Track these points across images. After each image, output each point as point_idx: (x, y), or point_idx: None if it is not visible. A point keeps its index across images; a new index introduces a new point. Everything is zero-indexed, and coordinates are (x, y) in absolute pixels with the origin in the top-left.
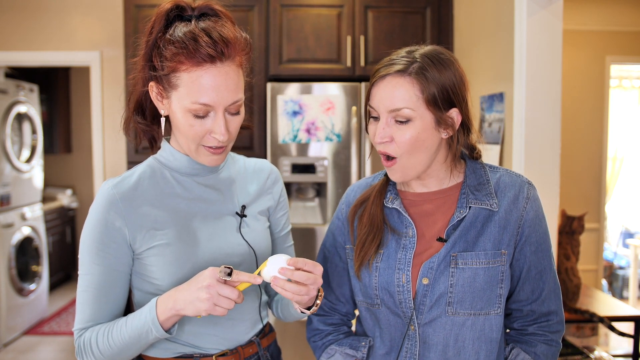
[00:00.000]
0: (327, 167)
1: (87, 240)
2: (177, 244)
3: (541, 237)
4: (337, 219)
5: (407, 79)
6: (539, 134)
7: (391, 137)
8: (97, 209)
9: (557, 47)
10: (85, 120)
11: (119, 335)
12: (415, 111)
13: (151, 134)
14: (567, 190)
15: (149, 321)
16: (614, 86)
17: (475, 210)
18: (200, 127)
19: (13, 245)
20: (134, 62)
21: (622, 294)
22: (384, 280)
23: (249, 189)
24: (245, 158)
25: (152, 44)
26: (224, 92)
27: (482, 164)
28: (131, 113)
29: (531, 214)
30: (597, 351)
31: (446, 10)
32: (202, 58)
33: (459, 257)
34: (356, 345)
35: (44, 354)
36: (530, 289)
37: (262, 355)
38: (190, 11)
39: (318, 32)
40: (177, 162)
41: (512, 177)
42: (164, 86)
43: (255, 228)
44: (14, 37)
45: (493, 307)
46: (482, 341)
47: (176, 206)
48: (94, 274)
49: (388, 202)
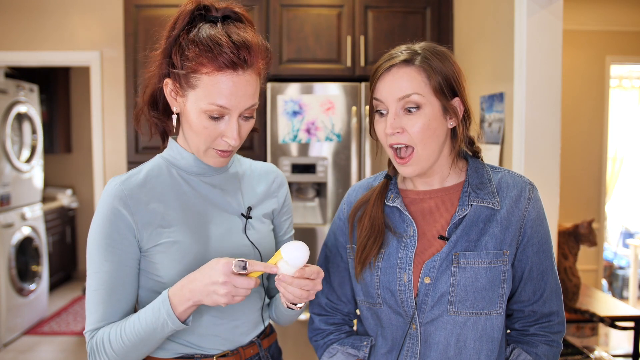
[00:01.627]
0: (327, 167)
1: (96, 237)
2: (183, 242)
3: (543, 238)
4: (339, 219)
5: (413, 67)
6: (539, 134)
7: (402, 128)
8: (104, 205)
9: (557, 47)
10: (85, 120)
11: (133, 331)
12: (423, 97)
13: (163, 128)
14: (567, 190)
15: (164, 314)
16: (614, 86)
17: (476, 208)
18: (213, 130)
19: (13, 245)
20: (153, 55)
21: (622, 294)
22: (385, 280)
23: (255, 191)
24: (251, 161)
25: (173, 41)
26: (241, 98)
27: (484, 164)
28: (144, 105)
29: (533, 214)
30: (597, 351)
31: (446, 10)
32: (225, 64)
33: (460, 256)
34: (358, 344)
35: (44, 354)
36: (532, 289)
37: (263, 356)
38: (215, 12)
39: (318, 32)
40: (184, 161)
41: (514, 178)
42: (181, 84)
43: (260, 230)
44: (14, 37)
45: (495, 307)
46: (484, 341)
47: (183, 204)
48: (105, 271)
49: (389, 200)
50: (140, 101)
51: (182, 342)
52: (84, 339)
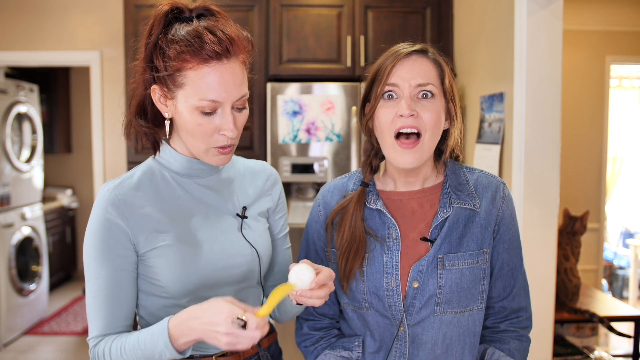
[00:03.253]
0: (327, 167)
1: (92, 243)
2: (179, 245)
3: (513, 235)
4: (315, 222)
5: (429, 61)
6: (539, 134)
7: (416, 112)
8: (98, 210)
9: (557, 47)
10: (85, 120)
11: (132, 352)
12: (437, 88)
13: (154, 137)
14: (567, 190)
15: (162, 344)
16: (614, 86)
17: (457, 210)
18: (208, 125)
19: (13, 245)
20: (134, 65)
21: (622, 294)
22: (372, 285)
23: (249, 191)
24: (243, 159)
25: (153, 46)
26: (231, 88)
27: (460, 165)
28: (132, 117)
29: (507, 213)
30: (597, 351)
31: (446, 10)
32: (208, 55)
33: (445, 258)
34: (349, 346)
35: (44, 354)
36: (502, 285)
37: (262, 356)
38: (188, 12)
39: (318, 32)
40: (176, 164)
41: (488, 178)
42: (168, 87)
43: (256, 229)
44: (14, 37)
45: (476, 303)
46: (466, 335)
47: (177, 207)
48: (103, 277)
49: (370, 203)
50: (127, 113)
51: None
52: (84, 339)
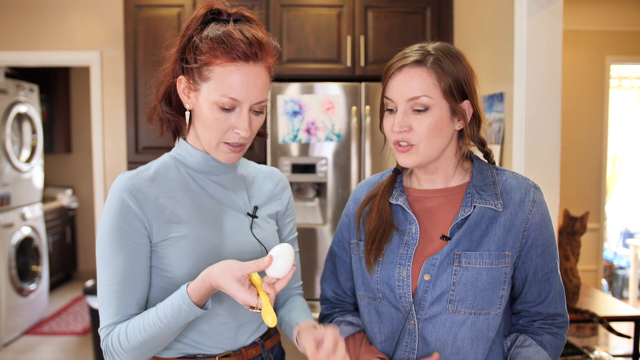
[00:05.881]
0: (327, 167)
1: (107, 231)
2: (191, 237)
3: (547, 240)
4: (345, 216)
5: (424, 69)
6: (539, 134)
7: (409, 126)
8: (114, 198)
9: (557, 47)
10: (85, 120)
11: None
12: (432, 99)
13: (176, 124)
14: (567, 190)
15: (185, 307)
16: (614, 86)
17: (480, 209)
18: (224, 122)
19: (13, 245)
20: (167, 54)
21: (622, 294)
22: (385, 275)
23: (261, 192)
24: (256, 164)
25: (187, 40)
26: (252, 90)
27: (490, 165)
28: (158, 102)
29: (537, 217)
30: (597, 351)
31: (446, 10)
32: (237, 55)
33: (462, 255)
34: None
35: (44, 354)
36: (537, 291)
37: (265, 357)
38: (226, 15)
39: (318, 32)
40: (192, 159)
41: (518, 180)
42: (194, 79)
43: (266, 229)
44: (14, 37)
45: (493, 308)
46: (480, 340)
47: (191, 202)
48: (118, 264)
49: (393, 198)
50: (153, 99)
51: (186, 341)
52: (84, 339)
